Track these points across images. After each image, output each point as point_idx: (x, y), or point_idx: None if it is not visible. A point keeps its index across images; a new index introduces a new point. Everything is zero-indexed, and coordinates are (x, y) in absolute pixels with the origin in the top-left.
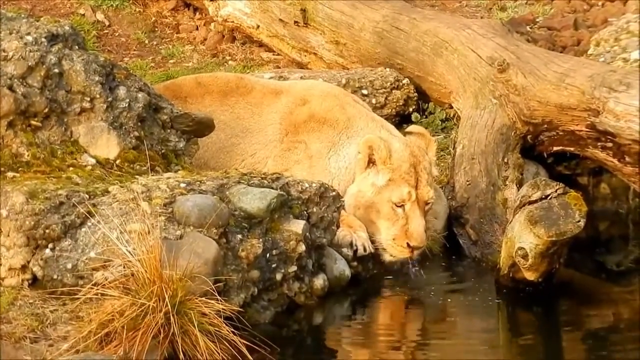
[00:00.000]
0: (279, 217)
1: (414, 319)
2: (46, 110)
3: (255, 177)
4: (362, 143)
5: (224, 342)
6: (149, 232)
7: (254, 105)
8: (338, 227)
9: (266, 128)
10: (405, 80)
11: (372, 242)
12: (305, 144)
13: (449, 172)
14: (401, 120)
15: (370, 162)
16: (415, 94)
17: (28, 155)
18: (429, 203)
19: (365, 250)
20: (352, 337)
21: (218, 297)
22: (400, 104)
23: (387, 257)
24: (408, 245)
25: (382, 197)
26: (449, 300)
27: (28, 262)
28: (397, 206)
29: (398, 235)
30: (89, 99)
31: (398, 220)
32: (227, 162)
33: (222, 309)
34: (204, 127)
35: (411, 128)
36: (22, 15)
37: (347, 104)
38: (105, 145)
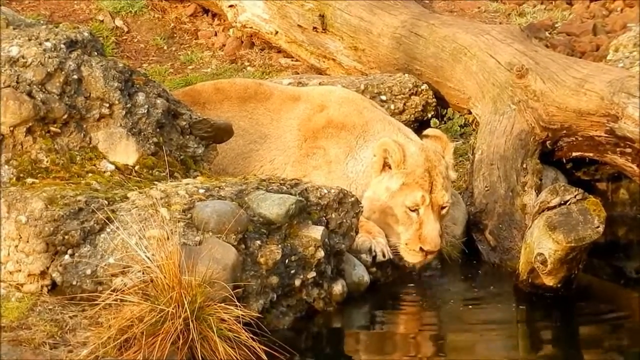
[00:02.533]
0: (297, 223)
1: (433, 325)
2: (65, 116)
3: (274, 183)
4: (377, 146)
5: (243, 347)
6: (167, 238)
7: (273, 112)
8: (357, 232)
9: (285, 134)
10: (424, 86)
11: (390, 246)
12: (324, 149)
13: (468, 177)
14: (420, 126)
15: (386, 165)
16: (434, 100)
17: (47, 162)
18: (444, 207)
19: (384, 256)
20: (371, 343)
21: (237, 303)
22: (419, 109)
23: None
24: (421, 249)
25: (396, 201)
26: (468, 306)
27: (47, 268)
28: (411, 210)
29: (411, 239)
30: (107, 105)
31: (412, 224)
32: (246, 168)
33: (241, 314)
34: (222, 133)
35: (428, 131)
36: (41, 22)
37: (364, 109)
38: (124, 151)
